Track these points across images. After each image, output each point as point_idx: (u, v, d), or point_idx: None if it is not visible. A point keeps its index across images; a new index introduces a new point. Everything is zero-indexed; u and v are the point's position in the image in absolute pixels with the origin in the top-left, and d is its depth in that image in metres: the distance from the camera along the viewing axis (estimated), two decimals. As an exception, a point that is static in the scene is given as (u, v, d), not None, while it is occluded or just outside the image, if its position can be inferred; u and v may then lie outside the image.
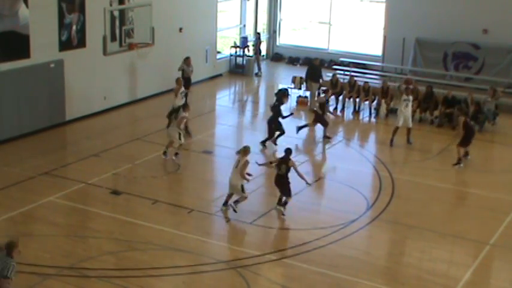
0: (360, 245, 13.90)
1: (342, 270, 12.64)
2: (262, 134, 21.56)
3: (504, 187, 16.92)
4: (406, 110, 19.55)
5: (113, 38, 21.26)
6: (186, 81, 21.80)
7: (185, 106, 18.42)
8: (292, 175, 14.96)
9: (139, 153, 18.41)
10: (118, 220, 14.44)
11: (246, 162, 14.68)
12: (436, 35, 25.95)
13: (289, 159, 14.95)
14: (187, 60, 22.49)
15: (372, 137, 21.94)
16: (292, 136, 20.11)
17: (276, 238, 14.16)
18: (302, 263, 12.85)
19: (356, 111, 23.13)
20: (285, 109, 20.71)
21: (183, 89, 20.50)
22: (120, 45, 21.54)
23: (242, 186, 14.76)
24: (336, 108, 23.28)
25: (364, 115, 23.05)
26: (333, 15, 29.84)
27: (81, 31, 20.52)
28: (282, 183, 15.02)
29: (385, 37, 27.25)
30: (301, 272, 12.58)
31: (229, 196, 14.97)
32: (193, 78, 25.81)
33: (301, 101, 24.03)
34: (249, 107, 25.09)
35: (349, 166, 18.20)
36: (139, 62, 22.98)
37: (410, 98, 19.76)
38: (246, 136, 21.56)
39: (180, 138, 17.75)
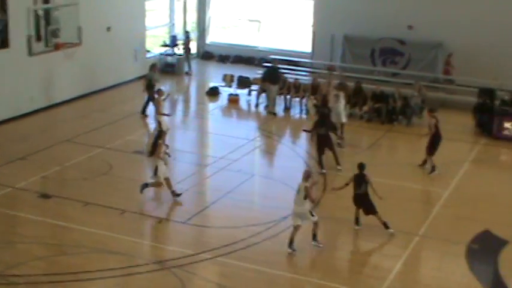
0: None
1: (276, 266, 12.71)
2: (194, 133, 21.52)
3: (431, 179, 17.35)
4: (337, 105, 19.70)
5: (38, 38, 20.74)
6: (151, 88, 21.48)
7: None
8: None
9: (69, 155, 18.03)
10: (48, 224, 14.12)
11: (308, 187, 13.15)
12: (363, 31, 26.39)
13: (365, 175, 14.19)
14: (154, 67, 22.09)
15: (303, 133, 22.12)
16: (225, 134, 20.13)
17: (209, 237, 14.10)
18: (237, 260, 12.86)
19: (287, 108, 23.29)
20: (216, 107, 20.75)
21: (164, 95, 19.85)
22: (46, 45, 21.03)
23: (310, 212, 13.44)
24: (267, 106, 23.37)
25: (295, 112, 23.24)
26: (262, 13, 29.95)
27: (4, 31, 19.93)
28: (366, 202, 14.12)
29: (314, 34, 27.53)
30: (236, 269, 12.58)
31: (296, 230, 13.37)
32: (123, 78, 25.63)
33: (232, 99, 24.02)
34: (180, 106, 24.91)
35: (281, 163, 18.32)
36: (67, 62, 22.50)
37: (341, 93, 20.00)
38: (177, 135, 21.39)
39: (156, 174, 15.37)
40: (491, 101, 21.70)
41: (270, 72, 23.47)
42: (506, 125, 20.72)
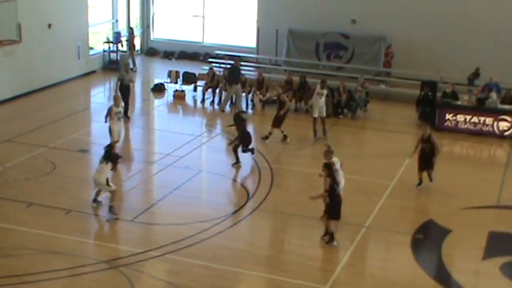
0: (241, 235, 14.03)
1: (225, 261, 12.70)
2: (140, 130, 21.31)
3: (376, 171, 17.61)
4: (319, 101, 19.83)
5: (-25, 35, 20.22)
6: (124, 90, 20.69)
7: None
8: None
9: (10, 156, 17.61)
10: (-11, 226, 13.77)
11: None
12: (307, 26, 26.57)
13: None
14: (126, 66, 21.34)
15: (250, 128, 22.12)
16: (172, 131, 19.99)
17: (157, 234, 13.98)
18: (185, 257, 12.79)
19: (233, 104, 23.25)
20: (162, 103, 20.57)
21: (120, 108, 18.11)
22: (-16, 42, 20.50)
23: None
24: (213, 101, 23.31)
25: (242, 107, 23.21)
26: (206, 8, 29.83)
27: None
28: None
29: (258, 29, 27.58)
30: (184, 266, 12.52)
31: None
32: (66, 76, 25.19)
33: (177, 95, 23.88)
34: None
35: (228, 158, 18.27)
36: (6, 60, 21.96)
37: (325, 91, 19.98)
38: (123, 133, 21.11)
39: (108, 184, 14.45)
40: (433, 93, 22.12)
41: (231, 72, 23.09)
42: (448, 116, 21.17)
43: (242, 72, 23.89)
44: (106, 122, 17.71)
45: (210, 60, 26.95)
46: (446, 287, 12.42)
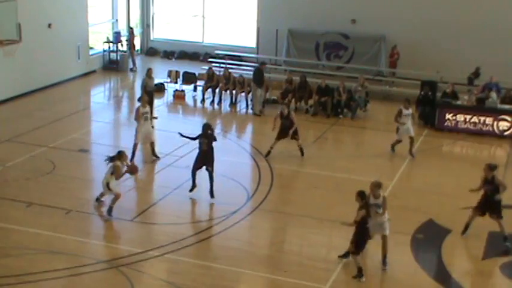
0: (241, 235, 14.03)
1: (225, 261, 12.69)
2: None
3: (376, 171, 17.54)
4: (408, 122, 18.56)
5: (-25, 35, 20.17)
6: (148, 96, 20.08)
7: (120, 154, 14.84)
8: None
9: (10, 156, 17.60)
10: (-11, 226, 13.77)
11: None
12: (307, 25, 26.57)
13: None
14: (149, 71, 20.83)
15: (250, 128, 22.18)
16: (172, 131, 19.98)
17: (157, 234, 13.98)
18: (185, 257, 12.80)
19: (233, 104, 23.27)
20: (162, 103, 20.53)
21: (147, 109, 17.96)
22: (-16, 42, 20.46)
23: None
24: (213, 101, 23.32)
25: (241, 107, 23.24)
26: (206, 8, 29.83)
27: None
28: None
29: (258, 29, 27.58)
30: (184, 266, 12.52)
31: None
32: (66, 76, 25.19)
33: (177, 95, 23.88)
34: (125, 103, 24.65)
35: (228, 158, 18.27)
36: (6, 60, 21.93)
37: (410, 111, 18.71)
38: (123, 133, 21.17)
39: (109, 188, 14.50)
40: (433, 93, 22.12)
41: (256, 74, 22.89)
42: (448, 116, 21.17)
43: (241, 72, 23.93)
44: (136, 120, 17.63)
45: (210, 60, 26.95)
46: (446, 287, 12.41)
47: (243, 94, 23.32)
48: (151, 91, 21.05)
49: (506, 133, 20.71)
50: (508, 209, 15.40)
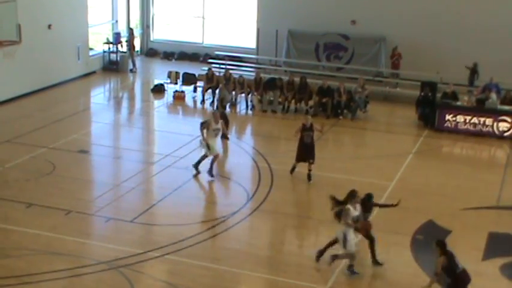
0: (241, 236, 14.03)
1: (224, 262, 12.69)
2: (140, 130, 21.31)
3: (376, 172, 17.61)
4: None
5: (-25, 36, 20.17)
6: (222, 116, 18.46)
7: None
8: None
9: (10, 156, 17.61)
10: (-11, 227, 13.77)
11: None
12: (307, 26, 26.58)
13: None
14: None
15: (249, 129, 22.19)
16: (171, 132, 19.97)
17: (157, 235, 13.99)
18: (185, 258, 12.79)
19: (233, 104, 23.26)
20: (162, 104, 20.50)
21: (219, 125, 16.69)
22: (-17, 43, 20.46)
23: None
24: (212, 102, 23.32)
25: (241, 108, 23.25)
26: (206, 9, 29.85)
27: None
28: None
29: (258, 30, 27.59)
30: (184, 267, 12.52)
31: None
32: (65, 76, 25.19)
33: (177, 96, 23.89)
34: (125, 104, 24.67)
35: (228, 159, 18.30)
36: (6, 61, 21.93)
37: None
38: (122, 133, 21.18)
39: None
40: (433, 94, 22.12)
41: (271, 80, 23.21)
42: (448, 117, 21.17)
43: (241, 73, 24.01)
44: (202, 135, 16.54)
45: (210, 61, 26.95)
46: (446, 288, 12.41)
47: (243, 95, 23.32)
48: (225, 106, 20.73)
49: (506, 134, 20.71)
50: (508, 210, 15.44)
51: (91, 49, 27.35)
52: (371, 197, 13.02)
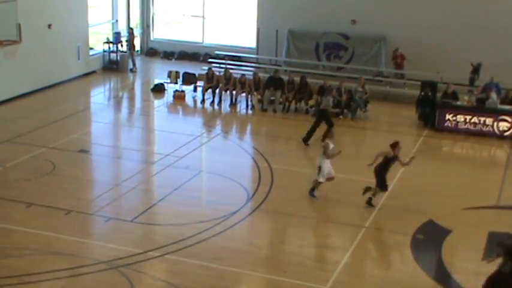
0: (241, 236, 14.03)
1: (225, 262, 12.69)
2: (140, 130, 21.30)
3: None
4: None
5: (-25, 36, 20.18)
6: (322, 114, 19.43)
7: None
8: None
9: (10, 156, 17.60)
10: (-11, 227, 13.77)
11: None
12: (307, 26, 26.58)
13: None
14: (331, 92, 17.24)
15: (250, 128, 22.19)
16: (172, 131, 19.96)
17: (157, 234, 13.98)
18: (185, 257, 12.79)
19: (233, 104, 23.27)
20: (162, 104, 20.40)
21: (332, 145, 15.75)
22: (-16, 42, 20.46)
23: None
24: (213, 102, 23.32)
25: (241, 107, 23.25)
26: (206, 8, 29.84)
27: None
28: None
29: (258, 29, 27.58)
30: (184, 266, 12.51)
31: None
32: (66, 76, 25.20)
33: (177, 96, 23.88)
34: (125, 104, 24.66)
35: (228, 158, 18.30)
36: (6, 61, 21.94)
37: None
38: (123, 133, 21.18)
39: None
40: (434, 93, 22.12)
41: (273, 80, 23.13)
42: (448, 116, 21.17)
43: (241, 72, 24.05)
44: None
45: (210, 60, 26.95)
46: (446, 287, 12.42)
47: (244, 94, 23.31)
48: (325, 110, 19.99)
49: (506, 133, 20.70)
50: (508, 210, 15.45)
51: (91, 49, 27.36)
52: None
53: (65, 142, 18.83)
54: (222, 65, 25.92)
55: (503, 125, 20.75)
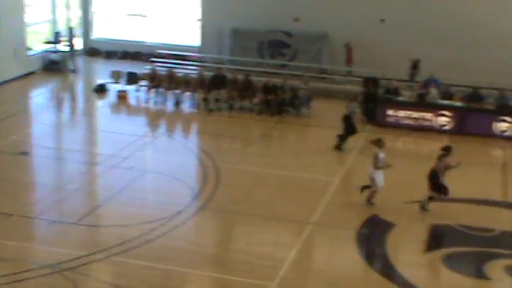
0: (188, 235, 13.96)
1: (171, 262, 12.61)
2: (83, 131, 20.97)
3: (320, 168, 17.76)
4: None
5: None
6: (350, 122, 19.28)
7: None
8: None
9: None
10: None
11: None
12: (250, 24, 26.62)
13: None
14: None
15: (195, 127, 22.10)
16: (115, 132, 19.71)
17: (102, 236, 13.79)
18: (131, 259, 12.64)
19: (177, 103, 23.11)
20: (105, 104, 20.11)
21: (382, 154, 15.49)
22: None
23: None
24: (156, 101, 23.12)
25: (186, 106, 23.11)
26: (148, 7, 29.56)
27: None
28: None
29: (202, 27, 27.48)
30: (130, 268, 12.38)
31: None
32: (2, 78, 24.57)
33: (120, 96, 23.59)
34: (66, 104, 24.21)
35: (173, 158, 18.18)
36: None
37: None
38: (65, 134, 20.79)
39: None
40: (375, 89, 22.44)
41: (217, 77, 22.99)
42: (390, 112, 21.52)
43: (185, 71, 23.87)
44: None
45: (153, 59, 26.71)
46: (390, 280, 12.60)
47: (188, 94, 23.19)
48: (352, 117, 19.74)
49: (445, 128, 21.17)
50: (449, 202, 15.78)
51: (29, 49, 26.75)
52: None
53: (4, 144, 18.38)
54: (165, 64, 25.73)
55: (443, 120, 21.21)
